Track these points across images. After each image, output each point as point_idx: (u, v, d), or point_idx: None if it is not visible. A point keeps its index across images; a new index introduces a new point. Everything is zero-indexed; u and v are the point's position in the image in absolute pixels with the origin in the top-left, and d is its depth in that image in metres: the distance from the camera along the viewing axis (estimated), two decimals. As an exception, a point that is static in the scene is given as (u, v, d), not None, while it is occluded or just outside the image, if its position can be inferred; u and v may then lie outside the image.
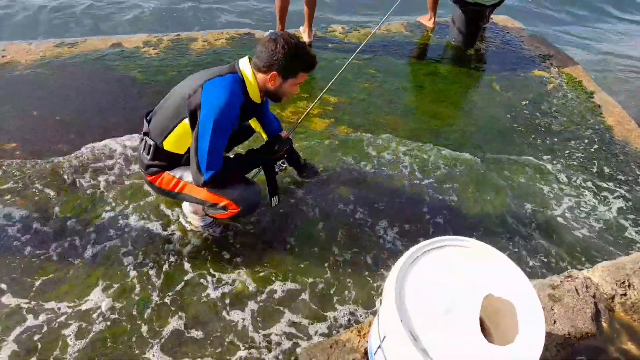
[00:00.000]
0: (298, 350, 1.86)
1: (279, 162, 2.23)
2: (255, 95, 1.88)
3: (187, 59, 3.55)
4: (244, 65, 1.86)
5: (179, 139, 1.90)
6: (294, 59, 1.82)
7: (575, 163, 3.03)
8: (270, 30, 3.88)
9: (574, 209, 2.70)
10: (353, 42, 3.97)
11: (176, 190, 2.01)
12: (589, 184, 2.89)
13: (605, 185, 2.89)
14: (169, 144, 1.92)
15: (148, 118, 1.99)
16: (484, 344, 1.29)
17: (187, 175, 1.98)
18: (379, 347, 1.45)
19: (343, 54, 3.79)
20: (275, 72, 1.81)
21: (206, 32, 3.90)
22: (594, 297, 1.91)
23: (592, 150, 3.16)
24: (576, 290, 1.91)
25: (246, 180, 2.06)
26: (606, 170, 3.01)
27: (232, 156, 2.03)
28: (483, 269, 1.42)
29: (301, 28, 3.94)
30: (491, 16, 4.39)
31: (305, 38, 3.88)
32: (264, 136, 2.30)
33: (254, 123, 2.29)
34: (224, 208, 1.99)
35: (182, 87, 1.88)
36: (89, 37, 3.76)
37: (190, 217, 2.29)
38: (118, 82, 3.26)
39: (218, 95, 1.76)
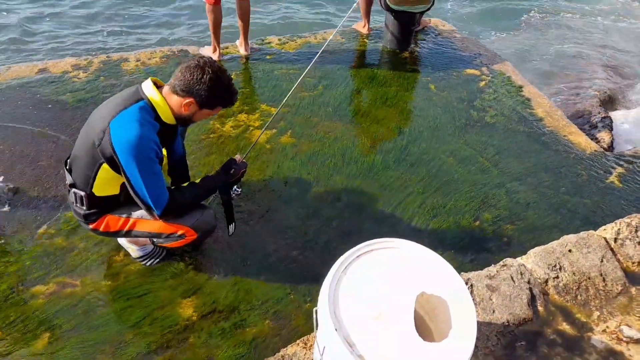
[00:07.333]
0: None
1: (235, 187, 2.19)
2: (169, 118, 1.80)
3: (120, 80, 3.44)
4: (149, 91, 1.75)
5: (106, 183, 1.82)
6: (216, 94, 1.77)
7: (509, 154, 3.17)
8: (200, 51, 3.83)
9: (510, 198, 2.81)
10: (290, 51, 3.99)
11: (126, 229, 1.93)
12: (523, 173, 3.02)
13: (539, 174, 3.03)
14: (98, 190, 1.84)
15: (68, 168, 1.88)
16: (418, 342, 1.31)
17: (135, 212, 1.90)
18: (321, 359, 1.44)
19: (280, 64, 3.80)
20: (192, 99, 1.75)
21: (139, 52, 3.80)
22: (528, 282, 1.99)
23: (524, 140, 3.31)
24: (512, 278, 1.98)
25: (200, 205, 2.00)
26: (539, 159, 3.16)
27: (186, 185, 1.97)
28: (414, 267, 1.45)
29: (237, 41, 3.92)
30: (422, 19, 4.53)
31: (242, 51, 3.86)
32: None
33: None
34: (181, 236, 1.93)
35: (88, 131, 1.77)
36: (11, 64, 3.58)
37: (128, 247, 2.19)
38: (48, 109, 3.11)
39: (129, 133, 1.66)
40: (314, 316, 1.43)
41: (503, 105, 3.66)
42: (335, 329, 1.29)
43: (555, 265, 2.05)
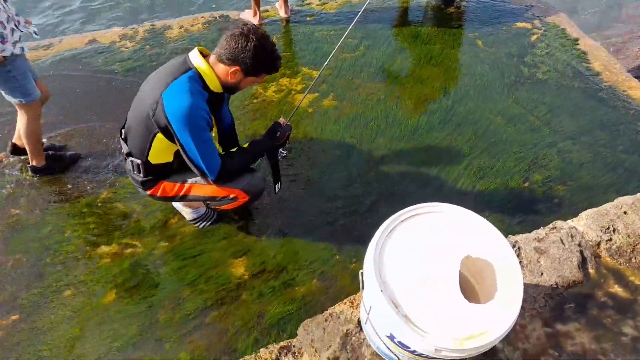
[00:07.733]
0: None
1: (280, 149, 2.24)
2: (216, 87, 1.84)
3: (164, 48, 3.51)
4: (197, 60, 1.79)
5: (161, 151, 1.91)
6: (261, 61, 1.78)
7: (561, 112, 3.02)
8: (240, 16, 3.81)
9: (562, 158, 2.71)
10: (330, 12, 3.90)
11: (181, 193, 2.04)
12: (577, 132, 2.88)
13: (594, 132, 2.89)
14: (154, 158, 1.93)
15: (123, 137, 1.97)
16: (463, 303, 1.33)
17: (189, 178, 2.00)
18: (367, 318, 1.50)
19: (321, 25, 3.74)
20: (238, 67, 1.77)
21: (181, 19, 3.85)
22: (579, 245, 1.94)
23: (579, 97, 3.14)
24: (561, 240, 1.94)
25: (249, 169, 2.09)
26: (595, 117, 2.99)
27: (234, 150, 2.04)
28: (458, 231, 1.46)
29: (277, 4, 3.87)
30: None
31: (281, 14, 3.82)
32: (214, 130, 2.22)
33: None
34: (234, 199, 2.03)
35: (141, 101, 1.83)
36: (63, 37, 3.72)
37: (183, 210, 2.32)
38: (99, 78, 3.24)
39: (181, 103, 1.71)
40: (360, 277, 1.48)
41: (556, 60, 3.45)
42: (381, 290, 1.33)
43: (608, 228, 1.99)
